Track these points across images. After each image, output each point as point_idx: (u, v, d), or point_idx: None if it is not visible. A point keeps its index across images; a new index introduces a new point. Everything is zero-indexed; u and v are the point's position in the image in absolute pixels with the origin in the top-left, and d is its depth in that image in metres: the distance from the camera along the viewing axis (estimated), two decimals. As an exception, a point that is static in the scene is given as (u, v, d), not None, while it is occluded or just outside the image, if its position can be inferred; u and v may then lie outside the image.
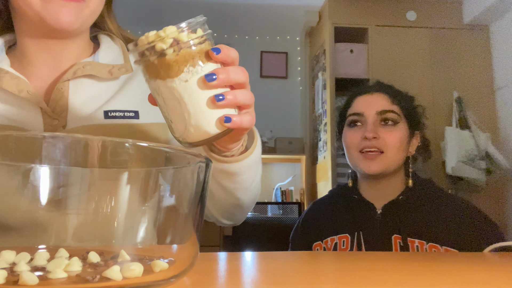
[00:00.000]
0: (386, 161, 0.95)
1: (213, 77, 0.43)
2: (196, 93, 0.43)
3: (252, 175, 0.61)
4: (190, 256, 0.34)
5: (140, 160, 0.32)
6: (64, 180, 0.30)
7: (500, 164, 2.65)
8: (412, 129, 1.01)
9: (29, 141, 0.30)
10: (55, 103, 0.62)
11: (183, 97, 0.43)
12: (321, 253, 0.88)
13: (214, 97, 0.43)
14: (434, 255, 0.66)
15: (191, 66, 0.42)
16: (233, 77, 0.44)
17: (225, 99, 0.43)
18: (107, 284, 0.27)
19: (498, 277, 0.40)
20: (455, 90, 2.90)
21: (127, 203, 0.30)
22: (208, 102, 0.43)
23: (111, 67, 0.67)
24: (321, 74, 3.18)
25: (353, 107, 1.02)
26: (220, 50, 0.43)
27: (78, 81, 0.64)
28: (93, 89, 0.65)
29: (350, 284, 0.35)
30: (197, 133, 0.44)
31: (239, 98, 0.45)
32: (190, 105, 0.43)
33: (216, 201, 0.65)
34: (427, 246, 0.89)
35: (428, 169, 2.67)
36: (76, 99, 0.63)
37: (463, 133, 2.70)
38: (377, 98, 1.00)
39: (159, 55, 0.42)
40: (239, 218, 0.73)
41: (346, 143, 1.02)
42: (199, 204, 0.35)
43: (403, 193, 0.97)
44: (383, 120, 0.97)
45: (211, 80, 0.42)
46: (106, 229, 0.30)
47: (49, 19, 0.58)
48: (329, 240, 0.98)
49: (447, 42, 3.04)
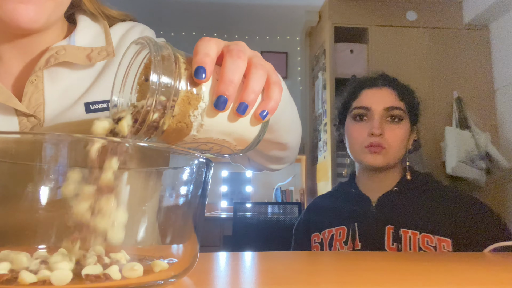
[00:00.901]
0: (389, 156, 0.96)
1: (221, 102, 0.36)
2: (219, 125, 0.38)
3: (289, 114, 0.55)
4: (190, 256, 0.34)
5: (140, 160, 0.32)
6: (64, 180, 0.30)
7: (500, 164, 2.65)
8: (413, 125, 1.02)
9: (29, 141, 0.30)
10: (29, 97, 0.55)
11: (211, 137, 0.39)
12: (321, 253, 0.88)
13: (236, 112, 0.38)
14: (434, 255, 0.66)
15: (194, 110, 0.36)
16: (236, 77, 0.37)
17: (248, 106, 0.38)
18: (107, 284, 0.27)
19: (498, 277, 0.40)
20: (455, 90, 2.90)
21: (127, 203, 0.30)
22: (233, 120, 0.39)
23: (89, 50, 0.58)
24: (321, 74, 3.18)
25: (359, 100, 1.01)
26: (202, 69, 0.36)
27: (52, 70, 0.57)
28: (71, 78, 0.57)
29: (350, 284, 0.35)
30: (244, 144, 0.41)
31: (257, 88, 0.39)
32: (222, 135, 0.39)
33: (260, 152, 0.60)
34: (419, 236, 0.90)
35: (428, 169, 2.67)
36: (52, 91, 0.56)
37: (463, 133, 2.70)
38: (385, 93, 0.99)
39: (160, 133, 0.36)
40: (288, 160, 0.68)
41: (351, 136, 1.01)
42: (199, 204, 0.35)
43: (397, 185, 0.98)
44: (389, 116, 0.97)
45: (223, 107, 0.37)
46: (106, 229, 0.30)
47: (5, 19, 0.49)
48: (326, 231, 1.00)
49: (447, 42, 3.04)
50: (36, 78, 0.55)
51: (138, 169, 0.32)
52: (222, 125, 0.38)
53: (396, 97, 0.99)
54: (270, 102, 0.40)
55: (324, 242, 0.99)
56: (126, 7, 0.68)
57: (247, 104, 0.38)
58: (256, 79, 0.39)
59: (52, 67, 0.56)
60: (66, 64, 0.57)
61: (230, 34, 3.90)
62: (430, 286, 0.34)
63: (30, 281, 0.26)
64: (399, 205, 0.95)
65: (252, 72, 0.39)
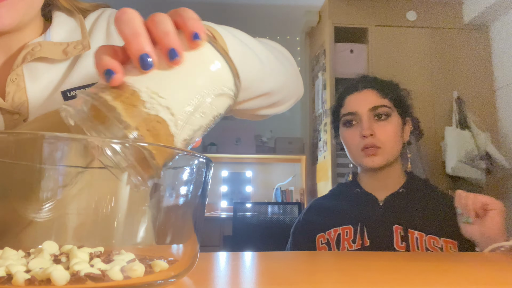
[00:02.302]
0: (386, 154, 0.98)
1: (144, 60, 0.32)
2: (179, 89, 0.33)
3: (254, 62, 0.48)
4: (190, 256, 0.34)
5: (140, 160, 0.32)
6: (64, 180, 0.30)
7: (500, 164, 2.65)
8: (404, 117, 1.04)
9: (29, 141, 0.30)
10: (12, 96, 0.55)
11: (189, 102, 0.33)
12: (321, 253, 0.88)
13: (171, 60, 0.33)
14: (434, 254, 0.66)
15: (143, 103, 0.32)
16: (138, 29, 0.33)
17: (174, 49, 0.32)
18: (107, 284, 0.27)
19: (498, 277, 0.40)
20: (455, 90, 2.90)
21: (127, 203, 0.30)
22: (183, 72, 0.33)
23: (65, 45, 0.59)
24: (321, 74, 3.18)
25: (345, 107, 1.05)
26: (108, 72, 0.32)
27: (31, 66, 0.57)
28: (50, 73, 0.58)
29: (351, 284, 0.35)
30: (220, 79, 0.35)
31: (167, 28, 0.33)
32: (193, 93, 0.34)
33: (250, 110, 0.56)
34: (426, 237, 0.92)
35: (428, 169, 2.67)
36: (34, 88, 0.56)
37: (463, 133, 2.70)
38: (367, 94, 1.02)
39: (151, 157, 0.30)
40: (285, 100, 0.62)
41: (346, 142, 1.05)
42: (199, 204, 0.35)
43: (404, 185, 1.01)
44: (376, 115, 1.00)
45: (149, 62, 0.32)
46: (106, 229, 0.30)
47: None
48: (332, 231, 1.00)
49: (447, 42, 3.04)
50: (16, 76, 0.56)
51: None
52: (179, 84, 0.33)
53: (378, 96, 1.01)
54: (189, 22, 0.34)
55: (331, 241, 0.99)
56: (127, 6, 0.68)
57: (171, 47, 0.32)
58: (159, 21, 0.34)
59: (31, 63, 0.57)
60: (43, 59, 0.58)
61: (230, 34, 3.90)
62: (430, 286, 0.34)
63: (23, 280, 0.26)
64: (406, 206, 0.97)
65: (150, 20, 0.35)
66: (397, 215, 0.95)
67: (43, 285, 0.26)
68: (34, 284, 0.26)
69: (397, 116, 1.02)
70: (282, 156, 3.61)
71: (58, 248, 0.32)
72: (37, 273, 0.27)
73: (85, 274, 0.27)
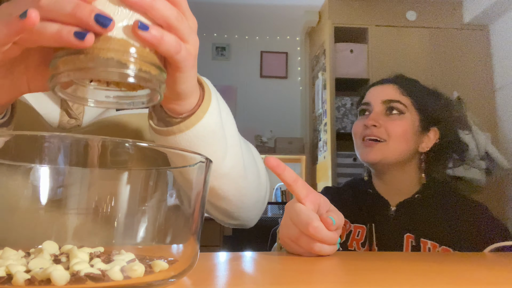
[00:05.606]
0: (385, 150, 0.94)
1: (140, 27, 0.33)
2: None
3: (218, 149, 0.48)
4: (190, 256, 0.34)
5: (140, 160, 0.32)
6: (64, 180, 0.30)
7: (500, 164, 2.65)
8: (426, 123, 0.98)
9: (29, 141, 0.30)
10: (71, 105, 0.60)
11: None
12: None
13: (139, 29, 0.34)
14: (434, 255, 0.66)
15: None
16: None
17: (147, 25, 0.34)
18: (107, 284, 0.27)
19: (498, 277, 0.40)
20: (455, 90, 2.90)
21: (127, 203, 0.30)
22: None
23: None
24: (321, 74, 3.18)
25: (364, 98, 1.04)
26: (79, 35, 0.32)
27: None
28: None
29: (350, 284, 0.35)
30: None
31: None
32: None
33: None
34: (439, 248, 0.87)
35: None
36: None
37: (463, 133, 2.70)
38: (387, 88, 1.00)
39: None
40: (241, 217, 0.66)
41: (353, 131, 1.02)
42: (199, 204, 0.35)
43: (419, 191, 0.95)
44: (388, 109, 0.97)
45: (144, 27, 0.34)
46: (106, 229, 0.30)
47: None
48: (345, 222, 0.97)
49: (447, 42, 3.04)
50: None
51: (138, 169, 0.32)
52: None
53: (398, 92, 0.98)
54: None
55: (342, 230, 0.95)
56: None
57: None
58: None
59: None
60: None
61: (230, 34, 3.90)
62: (430, 286, 0.34)
63: (23, 280, 0.26)
64: (420, 213, 0.92)
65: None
66: (410, 223, 0.91)
67: (43, 285, 0.26)
68: (34, 284, 0.26)
69: (415, 118, 0.97)
70: (282, 156, 3.61)
71: (58, 248, 0.32)
72: (37, 273, 0.27)
73: (85, 274, 0.27)
